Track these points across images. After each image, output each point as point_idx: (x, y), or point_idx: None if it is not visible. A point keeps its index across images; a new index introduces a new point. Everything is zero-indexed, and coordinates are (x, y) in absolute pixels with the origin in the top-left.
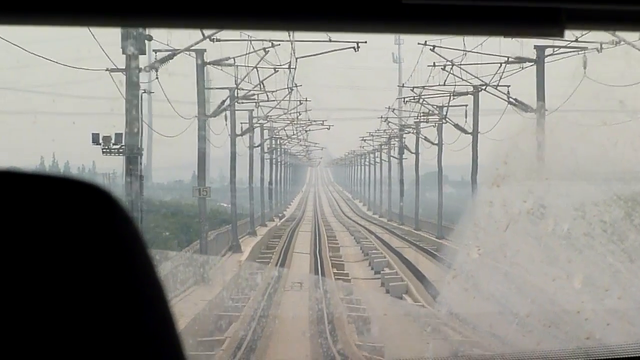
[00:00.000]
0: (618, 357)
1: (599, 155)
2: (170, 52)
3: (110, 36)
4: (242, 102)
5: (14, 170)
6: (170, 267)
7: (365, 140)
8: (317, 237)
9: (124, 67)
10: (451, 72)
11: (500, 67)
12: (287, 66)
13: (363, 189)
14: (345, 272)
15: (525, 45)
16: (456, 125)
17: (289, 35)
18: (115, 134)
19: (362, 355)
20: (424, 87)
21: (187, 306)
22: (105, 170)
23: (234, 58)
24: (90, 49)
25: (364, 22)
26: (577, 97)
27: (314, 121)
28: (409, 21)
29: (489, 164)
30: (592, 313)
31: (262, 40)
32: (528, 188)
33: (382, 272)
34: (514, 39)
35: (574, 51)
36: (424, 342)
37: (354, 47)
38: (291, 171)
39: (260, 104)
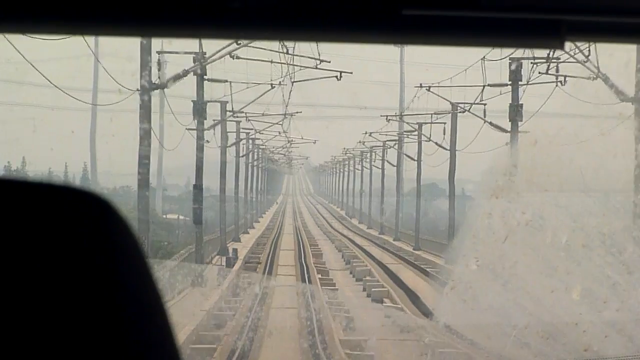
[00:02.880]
0: None
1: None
2: None
3: None
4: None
5: (14, 177)
6: None
7: (364, 142)
8: None
9: None
10: None
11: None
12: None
13: (352, 201)
14: None
15: None
16: (490, 123)
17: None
18: None
19: None
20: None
21: None
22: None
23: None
24: None
25: (364, 32)
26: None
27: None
28: (409, 32)
29: (489, 176)
30: (590, 325)
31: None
32: (527, 200)
33: None
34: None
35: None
36: None
37: (336, 77)
38: (265, 178)
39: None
